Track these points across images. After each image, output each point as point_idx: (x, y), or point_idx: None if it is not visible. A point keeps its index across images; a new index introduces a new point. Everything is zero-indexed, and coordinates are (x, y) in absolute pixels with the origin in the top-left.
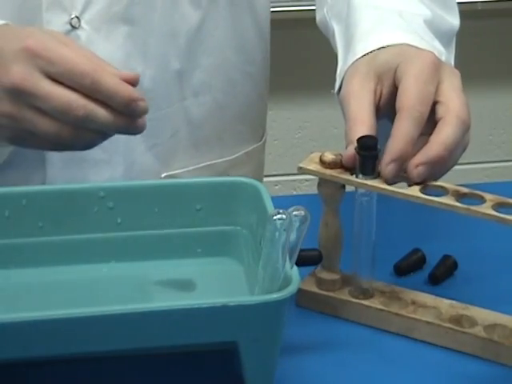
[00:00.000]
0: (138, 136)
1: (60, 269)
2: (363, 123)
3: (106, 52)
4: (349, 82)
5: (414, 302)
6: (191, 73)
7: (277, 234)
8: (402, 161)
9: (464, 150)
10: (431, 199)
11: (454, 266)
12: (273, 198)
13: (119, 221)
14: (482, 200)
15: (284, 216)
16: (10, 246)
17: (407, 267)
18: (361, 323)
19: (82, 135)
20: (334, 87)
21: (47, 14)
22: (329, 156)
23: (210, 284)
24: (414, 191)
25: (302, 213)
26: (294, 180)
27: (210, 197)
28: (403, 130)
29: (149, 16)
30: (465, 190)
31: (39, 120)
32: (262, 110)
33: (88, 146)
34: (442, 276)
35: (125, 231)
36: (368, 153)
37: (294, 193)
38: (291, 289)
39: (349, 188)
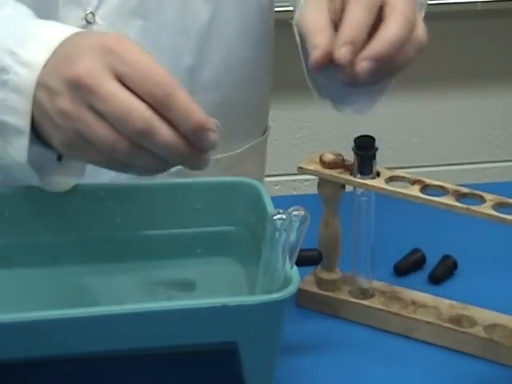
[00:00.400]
0: None
1: (60, 269)
2: (323, 31)
3: None
4: (304, 6)
5: (413, 302)
6: (202, 68)
7: (277, 234)
8: (355, 46)
9: (418, 50)
10: (431, 199)
11: (454, 266)
12: (273, 198)
13: (119, 221)
14: (482, 200)
15: (284, 216)
16: (10, 245)
17: (407, 267)
18: (361, 323)
19: (138, 154)
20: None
21: (64, 10)
22: (329, 156)
23: (210, 284)
24: (414, 191)
25: (302, 213)
26: (294, 180)
27: (210, 197)
28: (354, 15)
29: (161, 10)
30: (465, 190)
31: (96, 124)
32: (265, 105)
33: (146, 171)
34: (441, 276)
35: (125, 231)
36: (365, 153)
37: (294, 193)
38: (291, 289)
39: (349, 188)
